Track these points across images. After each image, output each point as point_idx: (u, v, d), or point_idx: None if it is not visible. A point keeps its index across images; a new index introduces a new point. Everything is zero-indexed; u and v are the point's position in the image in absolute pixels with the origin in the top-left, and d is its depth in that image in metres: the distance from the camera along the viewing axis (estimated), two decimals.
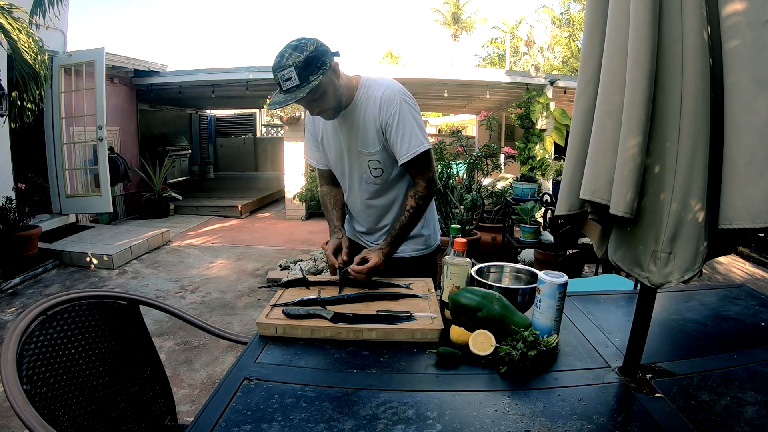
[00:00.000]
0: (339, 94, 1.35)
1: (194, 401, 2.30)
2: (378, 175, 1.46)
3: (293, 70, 1.23)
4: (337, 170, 1.57)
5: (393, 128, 1.38)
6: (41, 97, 3.88)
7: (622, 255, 0.88)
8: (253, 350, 1.04)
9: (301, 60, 1.23)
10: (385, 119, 1.38)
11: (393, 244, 1.43)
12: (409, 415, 0.82)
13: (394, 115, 1.37)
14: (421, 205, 1.44)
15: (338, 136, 1.47)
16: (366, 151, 1.43)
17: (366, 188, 1.50)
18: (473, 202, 4.03)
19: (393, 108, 1.38)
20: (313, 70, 1.25)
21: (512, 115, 7.00)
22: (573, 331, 1.16)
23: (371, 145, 1.42)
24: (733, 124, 0.76)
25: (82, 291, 1.16)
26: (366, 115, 1.40)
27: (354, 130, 1.43)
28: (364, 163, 1.45)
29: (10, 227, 4.14)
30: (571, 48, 19.45)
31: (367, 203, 1.53)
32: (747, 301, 1.41)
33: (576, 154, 0.92)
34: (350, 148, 1.46)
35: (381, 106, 1.38)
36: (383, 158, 1.43)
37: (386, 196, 1.51)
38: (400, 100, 1.39)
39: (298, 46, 1.25)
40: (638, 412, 0.84)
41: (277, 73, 1.26)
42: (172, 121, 10.25)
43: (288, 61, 1.24)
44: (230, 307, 3.55)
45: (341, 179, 1.58)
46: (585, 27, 0.93)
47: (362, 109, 1.41)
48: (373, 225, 1.58)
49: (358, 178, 1.49)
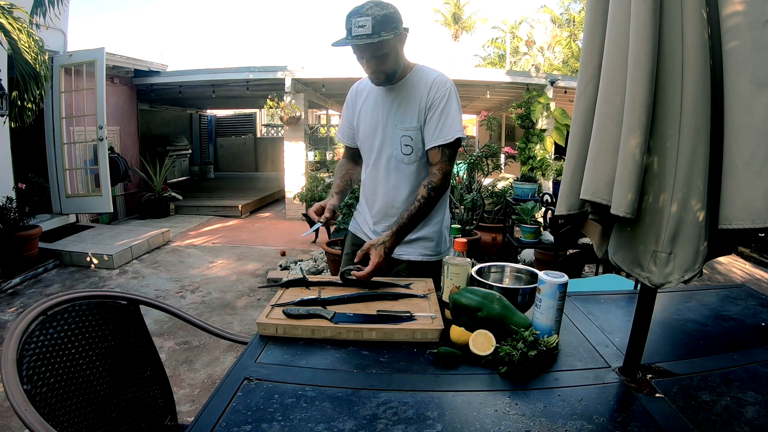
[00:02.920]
0: (397, 63, 1.41)
1: (194, 401, 2.30)
2: (408, 153, 1.47)
3: (370, 19, 1.29)
4: (365, 144, 1.56)
5: (437, 109, 1.42)
6: (41, 97, 3.87)
7: (622, 255, 0.88)
8: (254, 350, 1.04)
9: (380, 14, 1.30)
10: (432, 98, 1.43)
11: (398, 234, 1.39)
12: (410, 415, 0.82)
13: (442, 98, 1.43)
14: (432, 197, 1.41)
15: (378, 109, 1.50)
16: (402, 126, 1.46)
17: (394, 165, 1.50)
18: (473, 202, 4.03)
19: (443, 91, 1.43)
20: (387, 27, 1.31)
21: (512, 115, 7.00)
22: (573, 331, 1.16)
23: (409, 120, 1.45)
24: (733, 124, 0.76)
25: (83, 291, 1.16)
26: (413, 93, 1.45)
27: (397, 105, 1.47)
28: (397, 138, 1.47)
29: (10, 227, 4.14)
30: (571, 48, 19.44)
31: (389, 183, 1.52)
32: (747, 301, 1.41)
33: (576, 154, 0.92)
34: (388, 122, 1.48)
35: (432, 87, 1.44)
36: (416, 137, 1.45)
37: (407, 180, 1.50)
38: (451, 87, 1.46)
39: (380, 3, 1.32)
40: (638, 412, 0.84)
41: (352, 18, 1.30)
42: (172, 121, 10.26)
43: (368, 11, 1.29)
44: (230, 307, 3.55)
45: (368, 153, 1.57)
46: (585, 27, 0.93)
47: (411, 87, 1.46)
48: (384, 210, 1.55)
49: (388, 154, 1.50)
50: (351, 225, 1.73)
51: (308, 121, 7.61)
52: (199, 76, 7.02)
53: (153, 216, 6.89)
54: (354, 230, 1.70)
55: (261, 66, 6.77)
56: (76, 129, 5.48)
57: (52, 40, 4.89)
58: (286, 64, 6.60)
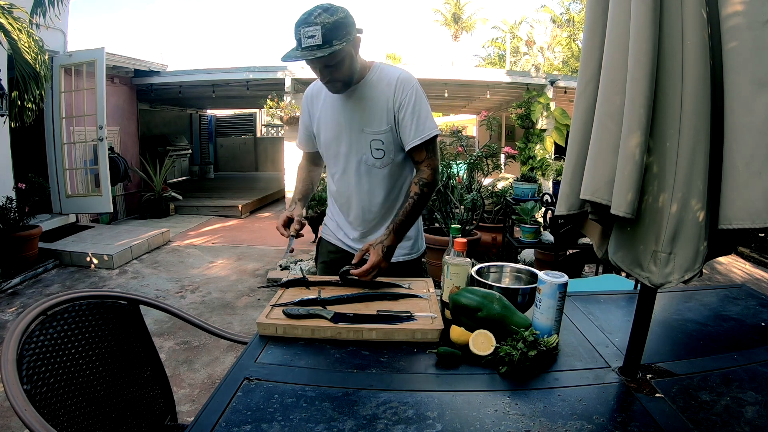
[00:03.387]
0: (353, 68, 1.35)
1: (194, 401, 2.30)
2: (379, 156, 1.42)
3: (319, 29, 1.22)
4: (330, 151, 1.50)
5: (408, 109, 1.38)
6: (41, 97, 3.87)
7: (622, 255, 0.88)
8: (254, 350, 1.04)
9: (330, 22, 1.22)
10: (400, 99, 1.38)
11: (397, 233, 1.38)
12: (409, 415, 0.82)
13: (410, 97, 1.38)
14: (425, 192, 1.41)
15: (339, 114, 1.44)
16: (370, 130, 1.40)
17: (365, 171, 1.45)
18: (473, 202, 4.03)
19: (409, 89, 1.39)
20: (338, 35, 1.24)
21: (512, 115, 7.00)
22: (573, 331, 1.16)
23: (377, 123, 1.40)
24: (733, 124, 0.76)
25: (83, 291, 1.16)
26: (376, 94, 1.40)
27: (360, 108, 1.41)
28: (366, 142, 1.41)
29: (10, 227, 4.14)
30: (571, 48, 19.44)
31: (362, 188, 1.47)
32: (747, 301, 1.41)
33: (576, 154, 0.92)
34: (352, 126, 1.42)
35: (396, 87, 1.39)
36: (388, 140, 1.41)
37: (383, 185, 1.47)
38: (416, 85, 1.41)
39: (330, 8, 1.24)
40: (638, 412, 0.84)
41: (301, 29, 1.23)
42: (172, 121, 10.26)
43: (316, 19, 1.22)
44: (230, 307, 3.55)
45: (334, 161, 1.50)
46: (585, 27, 0.93)
47: (373, 88, 1.41)
48: (361, 216, 1.51)
49: (357, 159, 1.44)
50: (323, 232, 1.66)
51: None
52: (199, 76, 7.03)
53: (153, 216, 6.89)
54: (328, 237, 1.63)
55: (261, 66, 6.77)
56: (76, 129, 5.48)
57: (52, 40, 4.89)
58: (286, 65, 6.60)
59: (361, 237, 1.54)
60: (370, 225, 1.52)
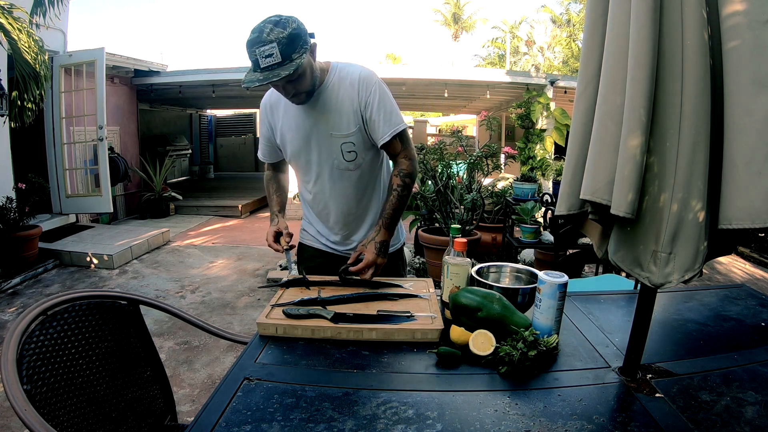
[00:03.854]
0: (315, 76, 1.31)
1: (194, 401, 2.30)
2: (351, 159, 1.40)
3: (275, 46, 1.16)
4: (300, 160, 1.46)
5: (374, 107, 1.36)
6: (41, 97, 3.87)
7: (622, 255, 0.88)
8: (254, 350, 1.04)
9: (285, 36, 1.17)
10: (365, 99, 1.36)
11: (388, 228, 1.38)
12: (410, 415, 0.82)
13: (375, 94, 1.36)
14: (408, 183, 1.41)
15: (303, 122, 1.40)
16: (339, 134, 1.38)
17: (338, 175, 1.43)
18: (473, 202, 4.03)
19: (372, 87, 1.36)
20: (296, 47, 1.20)
21: (512, 115, 7.00)
22: (573, 331, 1.16)
23: (345, 126, 1.37)
24: (733, 125, 0.76)
25: (83, 291, 1.16)
26: (339, 97, 1.36)
27: (325, 112, 1.37)
28: (336, 146, 1.39)
29: (10, 227, 4.14)
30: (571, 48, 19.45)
31: (337, 193, 1.45)
32: (747, 301, 1.41)
33: (576, 154, 0.92)
34: (320, 133, 1.39)
35: (359, 87, 1.36)
36: (358, 140, 1.39)
37: (358, 185, 1.46)
38: (378, 81, 1.38)
39: (280, 21, 1.19)
40: (638, 412, 0.84)
41: (256, 49, 1.18)
42: (172, 121, 10.26)
43: (270, 36, 1.17)
44: (230, 307, 3.55)
45: (305, 169, 1.47)
46: (585, 27, 0.93)
47: (335, 90, 1.37)
48: (342, 220, 1.49)
49: (329, 165, 1.42)
50: (302, 238, 1.63)
51: None
52: (199, 76, 7.03)
53: (153, 216, 6.89)
54: (309, 242, 1.60)
55: None
56: (76, 129, 5.48)
57: (52, 40, 4.89)
58: None
59: (343, 239, 1.53)
60: (351, 225, 1.51)
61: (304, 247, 1.62)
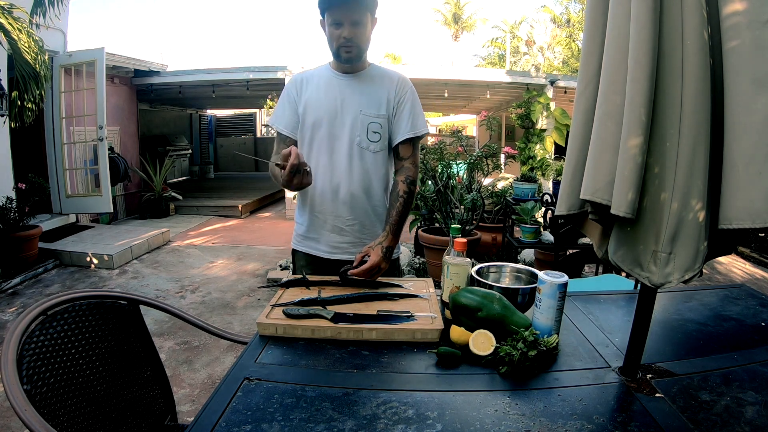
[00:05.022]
0: (367, 43, 1.43)
1: (194, 401, 2.30)
2: (375, 140, 1.45)
3: None
4: (319, 130, 1.44)
5: (406, 105, 1.47)
6: (41, 97, 3.88)
7: (622, 255, 0.88)
8: (254, 350, 1.04)
9: None
10: (401, 94, 1.48)
11: (395, 233, 1.40)
12: (410, 415, 0.82)
13: (410, 95, 1.49)
14: (412, 190, 1.46)
15: (332, 95, 1.45)
16: (369, 112, 1.45)
17: (358, 153, 1.44)
18: (473, 202, 4.03)
19: (408, 88, 1.50)
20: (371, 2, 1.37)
21: (512, 115, 7.00)
22: (573, 331, 1.16)
23: (376, 107, 1.45)
24: (733, 124, 0.76)
25: (83, 291, 1.16)
26: (376, 83, 1.47)
27: (359, 91, 1.46)
28: (363, 124, 1.44)
29: (10, 227, 4.14)
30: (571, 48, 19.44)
31: (353, 170, 1.44)
32: (747, 301, 1.41)
33: (576, 154, 0.92)
34: (348, 107, 1.44)
35: (398, 83, 1.49)
36: (384, 126, 1.46)
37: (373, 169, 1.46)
38: (413, 87, 1.52)
39: None
40: (638, 412, 0.84)
41: None
42: (172, 121, 10.26)
43: None
44: (230, 307, 3.55)
45: (318, 141, 1.45)
46: (585, 27, 0.93)
47: (372, 78, 1.48)
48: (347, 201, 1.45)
49: (349, 140, 1.43)
50: (296, 244, 1.57)
51: None
52: (199, 76, 7.03)
53: (153, 216, 6.89)
54: (306, 249, 1.54)
55: (261, 66, 6.78)
56: (76, 129, 5.48)
57: (52, 40, 4.88)
58: (286, 64, 6.61)
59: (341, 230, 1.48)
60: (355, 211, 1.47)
61: (299, 254, 1.58)
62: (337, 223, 1.48)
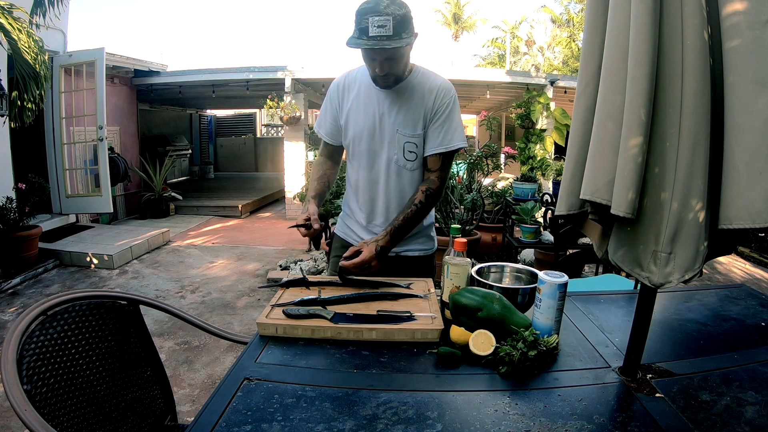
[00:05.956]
0: (407, 65, 1.38)
1: (194, 401, 2.30)
2: (412, 159, 1.43)
3: (390, 19, 1.22)
4: (360, 146, 1.46)
5: (442, 116, 1.40)
6: (41, 97, 3.87)
7: (622, 255, 0.88)
8: (254, 350, 1.04)
9: (400, 15, 1.23)
10: (437, 105, 1.40)
11: (393, 236, 1.38)
12: (410, 415, 0.82)
13: (447, 105, 1.41)
14: (430, 202, 1.43)
15: (372, 108, 1.43)
16: (406, 132, 1.41)
17: (395, 170, 1.45)
18: (473, 202, 4.03)
19: (448, 98, 1.41)
20: (406, 28, 1.26)
21: (512, 115, 7.00)
22: (573, 331, 1.16)
23: (412, 127, 1.41)
24: (733, 124, 0.76)
25: (83, 291, 1.16)
26: (416, 98, 1.41)
27: (397, 108, 1.41)
28: (400, 143, 1.42)
29: (10, 227, 4.14)
30: (571, 48, 19.45)
31: (390, 186, 1.46)
32: (747, 301, 1.41)
33: (576, 154, 0.91)
34: (386, 125, 1.42)
35: (437, 93, 1.41)
36: (420, 144, 1.42)
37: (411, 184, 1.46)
38: (455, 94, 1.43)
39: (397, 0, 1.24)
40: (638, 412, 0.84)
41: (370, 17, 1.22)
42: (172, 121, 10.25)
43: (387, 9, 1.22)
44: (230, 307, 3.55)
45: (359, 155, 1.48)
46: (585, 27, 0.93)
47: (412, 91, 1.41)
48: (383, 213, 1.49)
49: (387, 158, 1.44)
50: (338, 229, 1.64)
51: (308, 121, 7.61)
52: (199, 76, 7.02)
53: (153, 216, 6.89)
54: (343, 235, 1.61)
55: (261, 66, 6.77)
56: (76, 129, 5.48)
57: (51, 40, 4.88)
58: (286, 64, 6.61)
59: None
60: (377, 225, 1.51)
61: (337, 237, 1.63)
62: (373, 230, 1.53)
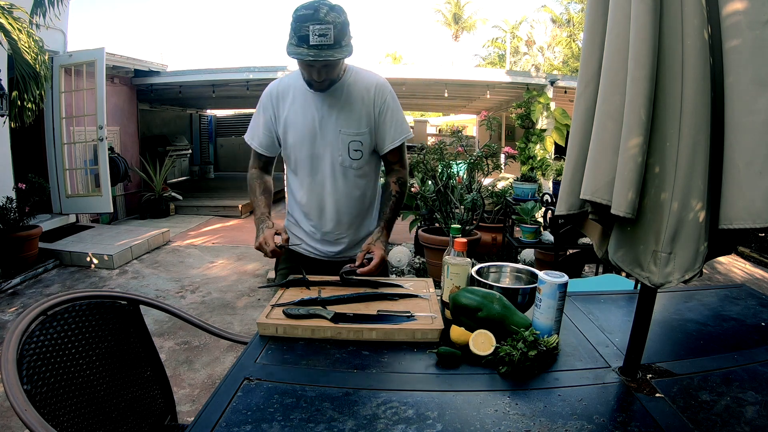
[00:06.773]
0: (341, 68, 1.38)
1: (194, 401, 2.30)
2: (357, 158, 1.43)
3: (331, 28, 1.20)
4: (300, 153, 1.44)
5: (387, 114, 1.43)
6: (41, 97, 3.87)
7: (622, 255, 0.88)
8: (254, 350, 1.04)
9: (340, 22, 1.22)
10: (380, 104, 1.42)
11: (388, 228, 1.47)
12: (410, 415, 0.82)
13: (389, 102, 1.44)
14: (403, 191, 1.50)
15: (309, 113, 1.40)
16: (349, 131, 1.40)
17: (341, 173, 1.44)
18: (473, 202, 4.03)
19: (387, 95, 1.44)
20: (346, 36, 1.25)
21: (513, 115, 6.99)
22: (573, 331, 1.16)
23: (356, 124, 1.40)
24: (733, 124, 0.76)
25: (83, 291, 1.16)
26: (354, 97, 1.40)
27: (338, 109, 1.39)
28: (343, 144, 1.41)
29: (10, 227, 4.14)
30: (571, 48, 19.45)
31: (337, 191, 1.45)
32: (747, 301, 1.41)
33: (576, 154, 0.91)
34: (328, 127, 1.40)
35: (376, 92, 1.42)
36: (366, 142, 1.43)
37: (358, 184, 1.47)
38: (391, 90, 1.47)
39: (335, 7, 1.22)
40: (638, 412, 0.84)
41: (310, 25, 1.19)
42: (172, 121, 10.25)
43: (326, 17, 1.19)
44: (230, 307, 3.55)
45: (301, 161, 1.45)
46: (585, 27, 0.93)
47: (349, 90, 1.40)
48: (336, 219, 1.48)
49: (331, 160, 1.42)
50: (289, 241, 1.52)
51: None
52: (199, 76, 7.02)
53: (153, 216, 6.88)
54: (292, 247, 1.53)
55: (261, 66, 6.77)
56: (76, 129, 5.48)
57: (51, 40, 4.88)
58: (286, 64, 6.59)
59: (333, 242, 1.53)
60: (345, 227, 1.50)
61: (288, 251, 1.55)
62: (327, 238, 1.53)
